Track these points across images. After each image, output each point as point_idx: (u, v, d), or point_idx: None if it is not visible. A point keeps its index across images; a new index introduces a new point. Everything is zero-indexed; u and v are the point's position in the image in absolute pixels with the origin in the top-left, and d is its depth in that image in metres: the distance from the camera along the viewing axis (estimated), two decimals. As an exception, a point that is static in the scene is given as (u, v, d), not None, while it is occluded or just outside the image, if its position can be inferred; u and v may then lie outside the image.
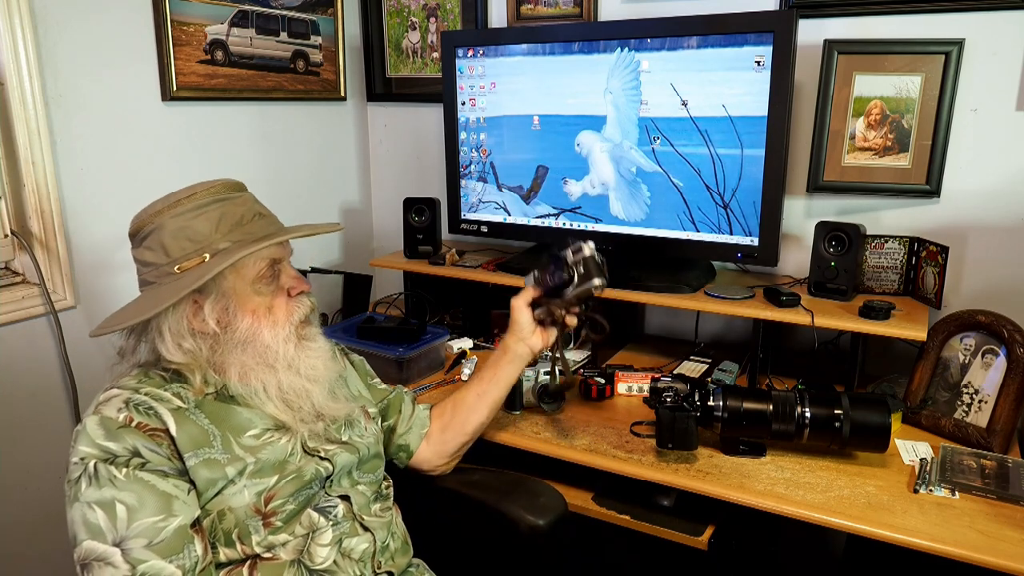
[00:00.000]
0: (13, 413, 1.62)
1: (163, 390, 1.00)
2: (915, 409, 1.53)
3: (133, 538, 0.89)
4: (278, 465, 1.03)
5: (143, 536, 0.89)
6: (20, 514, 1.64)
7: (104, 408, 0.95)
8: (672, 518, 1.43)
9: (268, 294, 1.06)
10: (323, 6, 2.23)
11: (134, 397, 0.97)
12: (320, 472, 1.07)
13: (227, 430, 1.01)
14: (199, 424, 0.99)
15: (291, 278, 1.09)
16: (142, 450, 0.93)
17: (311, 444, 1.09)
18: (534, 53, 1.86)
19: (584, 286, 1.25)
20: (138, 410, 0.95)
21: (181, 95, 1.87)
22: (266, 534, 1.01)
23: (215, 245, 1.00)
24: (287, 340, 1.06)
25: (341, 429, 1.16)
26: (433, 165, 2.38)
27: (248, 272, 1.03)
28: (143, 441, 0.93)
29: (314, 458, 1.08)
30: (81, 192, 1.69)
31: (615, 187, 1.83)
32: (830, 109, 1.75)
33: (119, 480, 0.90)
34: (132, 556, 0.88)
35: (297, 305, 1.09)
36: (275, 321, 1.06)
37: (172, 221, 1.01)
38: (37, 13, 1.57)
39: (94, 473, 0.90)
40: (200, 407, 1.01)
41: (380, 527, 1.14)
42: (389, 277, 2.38)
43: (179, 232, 1.00)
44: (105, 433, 0.93)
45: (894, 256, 1.70)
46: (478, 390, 1.32)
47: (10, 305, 1.59)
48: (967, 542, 1.14)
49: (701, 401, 1.37)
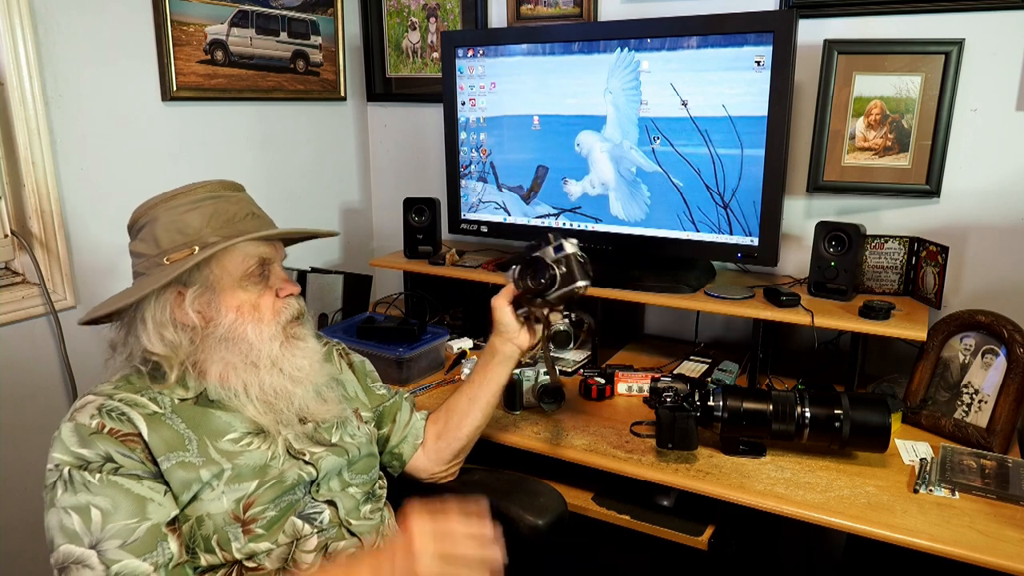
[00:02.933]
0: (13, 413, 1.62)
1: (139, 395, 1.00)
2: (915, 409, 1.53)
3: (108, 540, 0.90)
4: (258, 470, 1.02)
5: (117, 537, 0.90)
6: (20, 514, 1.64)
7: (78, 415, 0.96)
8: (672, 518, 1.43)
9: (255, 292, 1.05)
10: (323, 6, 2.23)
11: (107, 403, 0.97)
12: (303, 477, 1.06)
13: (204, 434, 1.01)
14: (174, 428, 0.99)
15: (280, 279, 1.09)
16: (115, 455, 0.93)
17: (296, 446, 1.08)
18: (534, 53, 1.86)
19: (567, 288, 1.16)
20: (111, 416, 0.96)
21: (181, 95, 1.87)
22: (246, 541, 1.00)
23: (204, 239, 1.01)
24: (272, 338, 1.05)
25: (331, 429, 1.15)
26: (433, 165, 2.38)
27: (235, 268, 1.03)
28: (116, 447, 0.94)
29: (298, 462, 1.07)
30: (81, 192, 1.69)
31: (615, 187, 1.83)
32: (830, 109, 1.75)
33: (93, 485, 0.91)
34: (107, 557, 0.89)
35: (285, 305, 1.08)
36: (260, 319, 1.05)
37: (166, 214, 1.02)
38: (37, 13, 1.57)
39: (69, 479, 0.91)
40: (177, 412, 1.01)
41: (368, 531, 1.13)
42: (389, 277, 2.38)
43: (171, 225, 1.02)
44: (78, 440, 0.93)
45: (894, 256, 1.70)
46: (470, 394, 1.30)
47: (10, 305, 1.59)
48: (967, 542, 1.14)
49: (701, 401, 1.37)
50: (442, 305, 2.17)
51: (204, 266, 1.01)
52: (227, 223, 1.03)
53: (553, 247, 1.18)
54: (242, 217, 1.05)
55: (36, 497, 1.63)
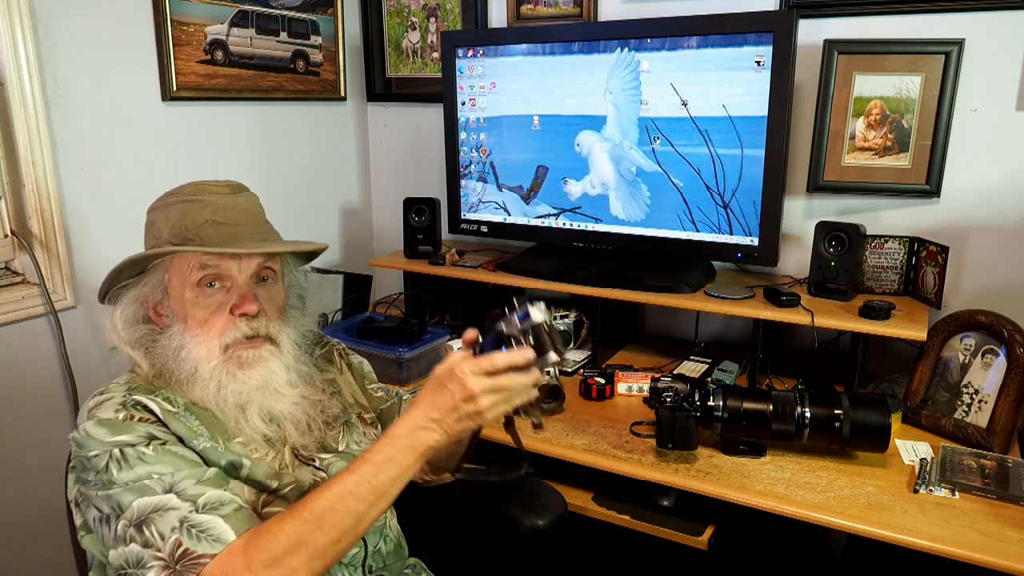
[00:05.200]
0: (13, 413, 1.62)
1: (151, 396, 0.99)
2: (915, 409, 1.53)
3: (182, 481, 0.89)
4: (273, 475, 1.01)
5: (190, 478, 0.90)
6: (20, 514, 1.64)
7: (99, 412, 0.95)
8: (672, 518, 1.43)
9: (206, 307, 1.00)
10: (323, 6, 2.23)
11: (127, 399, 0.96)
12: (318, 482, 1.04)
13: (217, 433, 1.00)
14: (188, 426, 0.98)
15: (239, 296, 1.01)
16: (156, 433, 0.93)
17: (304, 454, 1.07)
18: (534, 53, 1.86)
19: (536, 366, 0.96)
20: (136, 408, 0.95)
21: (181, 95, 1.87)
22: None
23: (161, 243, 1.01)
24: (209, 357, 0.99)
25: (338, 438, 1.13)
26: (433, 165, 2.38)
27: (186, 277, 1.00)
28: (152, 428, 0.94)
29: (309, 467, 1.06)
30: (81, 192, 1.69)
31: (615, 187, 1.83)
32: (830, 109, 1.75)
33: (148, 455, 0.90)
34: (188, 494, 0.88)
35: (235, 325, 1.00)
36: (207, 335, 0.99)
37: (151, 215, 1.05)
38: (37, 13, 1.57)
39: (121, 457, 0.90)
40: (189, 410, 1.00)
41: (371, 532, 1.12)
42: (389, 277, 2.38)
43: (150, 226, 1.05)
44: (111, 431, 0.92)
45: (894, 256, 1.70)
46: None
47: (10, 305, 1.59)
48: (967, 542, 1.14)
49: (701, 401, 1.37)
50: (442, 305, 2.17)
51: (160, 269, 1.01)
52: (185, 227, 1.00)
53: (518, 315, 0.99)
54: (205, 223, 1.00)
55: (36, 497, 1.65)
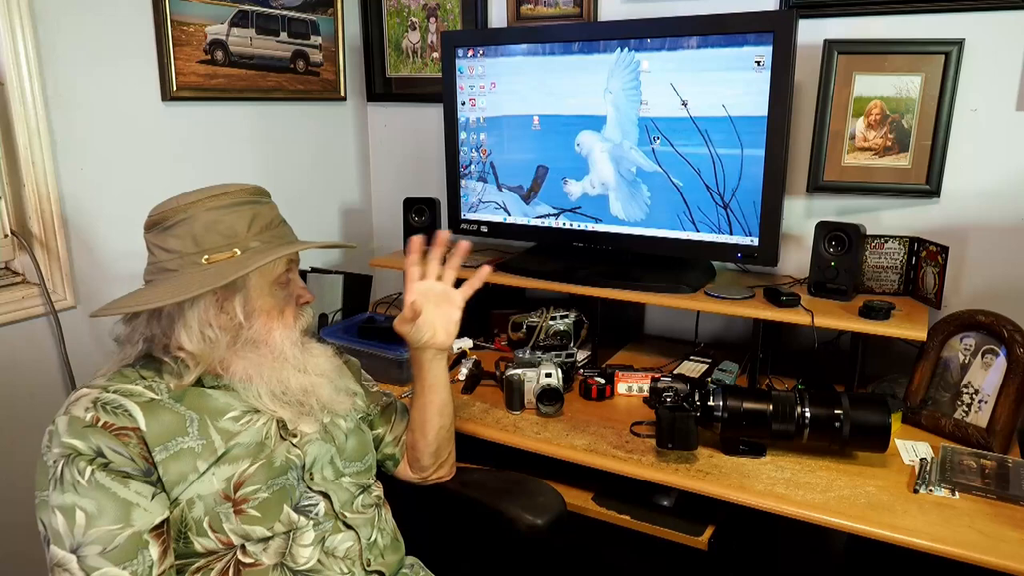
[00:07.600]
0: (13, 413, 1.62)
1: (134, 384, 1.00)
2: (915, 409, 1.53)
3: (88, 544, 0.91)
4: (253, 448, 1.04)
5: (98, 543, 0.91)
6: (20, 514, 1.64)
7: (73, 408, 0.96)
8: (672, 518, 1.43)
9: (281, 298, 1.10)
10: (323, 6, 2.23)
11: (103, 396, 0.97)
12: (293, 461, 1.07)
13: (205, 413, 1.02)
14: (175, 411, 1.00)
15: (300, 287, 1.14)
16: (106, 450, 0.94)
17: (289, 427, 1.10)
18: (534, 53, 1.86)
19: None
20: (106, 409, 0.96)
21: (181, 95, 1.87)
22: (239, 522, 1.00)
23: (246, 243, 1.04)
24: (294, 344, 1.10)
25: (323, 410, 1.17)
26: (433, 165, 2.38)
27: (270, 273, 1.07)
28: (108, 441, 0.94)
29: (285, 443, 1.08)
30: (81, 192, 1.69)
31: (615, 187, 1.83)
32: (830, 109, 1.75)
33: (81, 486, 0.92)
34: (87, 563, 0.91)
35: (302, 313, 1.14)
36: (284, 323, 1.10)
37: (205, 214, 1.03)
38: (37, 13, 1.57)
39: (60, 477, 0.93)
40: (175, 396, 1.02)
41: (364, 524, 1.14)
42: (389, 277, 2.38)
43: (212, 225, 1.03)
44: (71, 431, 0.94)
45: (894, 256, 1.70)
46: (418, 404, 1.30)
47: (10, 305, 1.59)
48: (967, 542, 1.14)
49: (701, 401, 1.37)
50: (442, 305, 2.17)
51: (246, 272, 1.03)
52: (265, 228, 1.07)
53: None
54: (277, 223, 1.10)
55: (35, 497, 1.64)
